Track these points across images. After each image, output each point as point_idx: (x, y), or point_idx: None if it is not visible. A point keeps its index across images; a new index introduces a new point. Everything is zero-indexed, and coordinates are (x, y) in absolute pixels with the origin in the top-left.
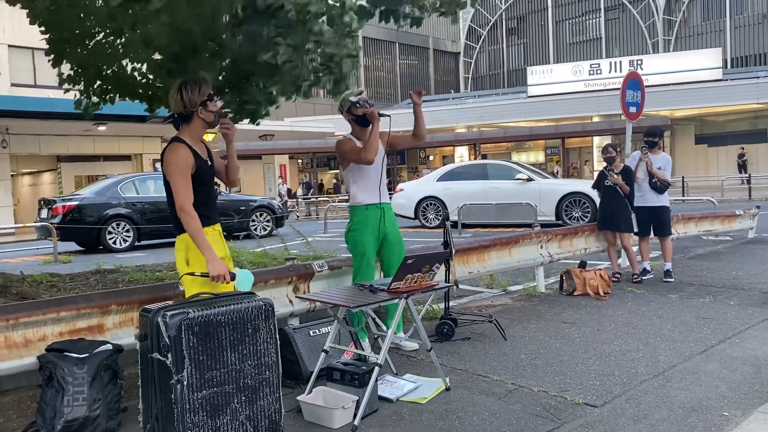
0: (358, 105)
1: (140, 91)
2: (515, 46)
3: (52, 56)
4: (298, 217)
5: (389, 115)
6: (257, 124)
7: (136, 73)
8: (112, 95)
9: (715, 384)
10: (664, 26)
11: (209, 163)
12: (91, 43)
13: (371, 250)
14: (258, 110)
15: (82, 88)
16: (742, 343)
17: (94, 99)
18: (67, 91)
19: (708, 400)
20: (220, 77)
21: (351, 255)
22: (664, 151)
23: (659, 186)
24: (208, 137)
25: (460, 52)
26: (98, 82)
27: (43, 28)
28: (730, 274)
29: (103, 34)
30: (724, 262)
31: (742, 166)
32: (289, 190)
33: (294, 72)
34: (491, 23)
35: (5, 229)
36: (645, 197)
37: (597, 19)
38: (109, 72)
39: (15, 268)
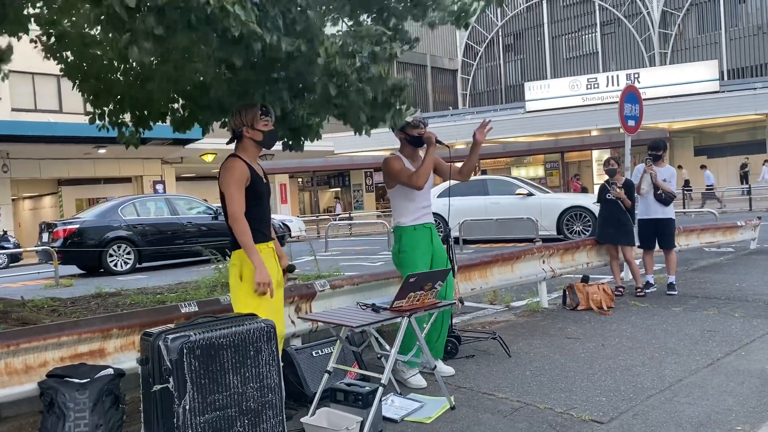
0: (413, 125)
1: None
2: (512, 62)
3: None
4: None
5: (449, 146)
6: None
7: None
8: (146, 122)
9: (723, 398)
10: (660, 39)
11: (264, 180)
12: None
13: (424, 270)
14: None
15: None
16: (749, 356)
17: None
18: (97, 124)
19: (716, 414)
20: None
21: (399, 275)
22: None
23: (664, 198)
24: (208, 158)
25: (457, 69)
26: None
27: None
28: (733, 286)
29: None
30: (727, 273)
31: (744, 177)
32: None
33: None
34: (488, 40)
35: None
36: (650, 210)
37: (593, 34)
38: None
39: (16, 293)
